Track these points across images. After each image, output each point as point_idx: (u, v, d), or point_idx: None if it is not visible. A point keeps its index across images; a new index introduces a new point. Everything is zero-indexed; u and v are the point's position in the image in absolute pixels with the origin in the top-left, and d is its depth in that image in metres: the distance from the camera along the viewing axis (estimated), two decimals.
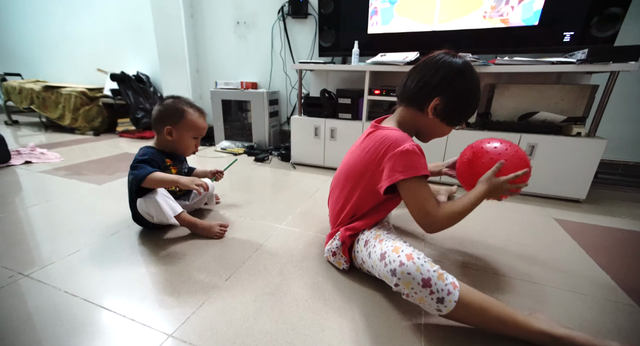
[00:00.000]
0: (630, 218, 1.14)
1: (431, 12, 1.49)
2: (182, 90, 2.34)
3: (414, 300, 0.55)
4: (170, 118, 0.91)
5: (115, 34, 2.61)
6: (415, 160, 0.62)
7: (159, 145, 0.95)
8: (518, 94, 1.39)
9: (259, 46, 2.13)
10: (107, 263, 0.78)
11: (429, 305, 0.54)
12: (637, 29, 1.34)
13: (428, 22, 1.51)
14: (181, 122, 0.91)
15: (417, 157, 0.62)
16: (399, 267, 0.55)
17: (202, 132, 0.96)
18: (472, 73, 0.65)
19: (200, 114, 0.95)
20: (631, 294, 0.71)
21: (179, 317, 0.60)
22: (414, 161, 0.61)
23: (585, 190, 1.25)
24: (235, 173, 1.58)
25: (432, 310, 0.54)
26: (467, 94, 0.66)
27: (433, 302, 0.53)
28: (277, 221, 1.04)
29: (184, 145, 0.94)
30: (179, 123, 0.91)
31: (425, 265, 0.54)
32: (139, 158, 0.87)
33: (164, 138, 0.92)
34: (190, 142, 0.95)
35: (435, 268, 0.54)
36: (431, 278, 0.53)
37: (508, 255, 0.87)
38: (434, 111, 0.67)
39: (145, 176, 0.81)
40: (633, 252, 0.91)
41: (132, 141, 2.31)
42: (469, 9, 1.42)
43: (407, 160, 0.62)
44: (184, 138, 0.93)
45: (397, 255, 0.57)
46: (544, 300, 0.69)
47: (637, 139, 1.49)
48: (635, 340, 0.58)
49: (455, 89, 0.65)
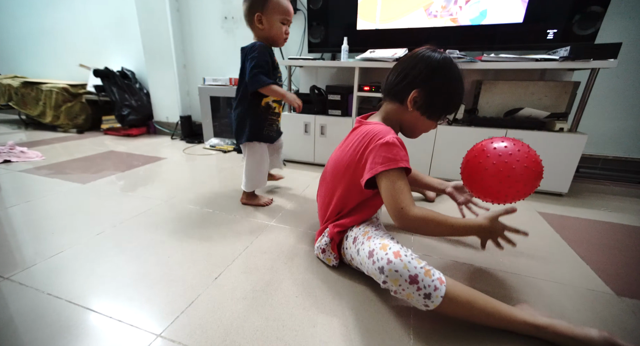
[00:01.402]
0: (609, 211, 1.18)
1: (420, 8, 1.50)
2: (168, 86, 2.29)
3: (402, 296, 0.56)
4: (257, 4, 0.94)
5: (98, 28, 2.52)
6: (395, 152, 0.62)
7: (259, 40, 0.99)
8: (504, 90, 1.42)
9: (247, 41, 2.07)
10: (92, 263, 0.76)
11: (416, 300, 0.55)
12: (616, 27, 1.38)
13: (418, 18, 1.52)
14: (267, 4, 0.94)
15: (397, 149, 0.62)
16: (386, 265, 0.56)
17: (288, 16, 0.98)
18: (450, 67, 0.66)
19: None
20: (608, 283, 0.74)
21: (167, 317, 0.60)
22: (393, 153, 0.62)
23: (567, 184, 1.29)
24: (225, 171, 1.57)
25: (419, 305, 0.56)
26: (445, 88, 0.66)
27: (420, 298, 0.54)
28: (267, 218, 1.03)
29: (274, 32, 0.98)
30: (265, 7, 0.94)
31: (412, 262, 0.55)
32: (253, 64, 0.94)
33: (256, 28, 0.97)
34: (279, 27, 0.97)
35: (422, 265, 0.55)
36: (418, 274, 0.54)
37: (494, 248, 0.89)
38: (414, 104, 0.67)
39: (267, 84, 0.94)
40: (610, 243, 0.95)
41: (118, 139, 2.25)
42: (456, 8, 1.44)
43: (387, 152, 0.62)
44: (273, 24, 0.97)
45: (384, 253, 0.58)
46: (528, 291, 0.71)
47: (616, 134, 1.54)
48: (612, 325, 0.61)
49: (433, 82, 0.65)
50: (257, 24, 0.97)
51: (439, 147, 1.44)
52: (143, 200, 1.16)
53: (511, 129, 1.31)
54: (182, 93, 2.33)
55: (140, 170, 1.53)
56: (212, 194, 1.24)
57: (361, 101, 1.67)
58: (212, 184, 1.37)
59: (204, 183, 1.38)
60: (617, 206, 1.24)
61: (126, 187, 1.30)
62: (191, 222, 1.00)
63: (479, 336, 0.57)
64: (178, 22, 2.18)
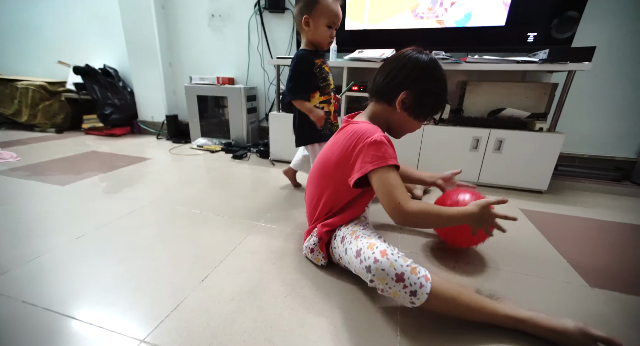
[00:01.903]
0: (585, 207, 1.24)
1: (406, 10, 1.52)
2: (154, 84, 2.23)
3: (389, 294, 0.57)
4: (306, 7, 0.96)
5: (79, 24, 2.43)
6: (384, 150, 0.63)
7: (306, 44, 1.04)
8: (488, 91, 1.46)
9: (236, 40, 2.07)
10: (71, 268, 0.74)
11: (402, 298, 0.56)
12: (592, 31, 1.44)
13: (405, 19, 1.54)
14: (315, 7, 0.95)
15: (386, 147, 0.63)
16: (373, 264, 0.57)
17: (335, 19, 0.98)
18: (437, 69, 0.67)
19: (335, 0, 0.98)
20: (583, 275, 0.78)
21: (151, 321, 0.58)
22: (382, 151, 0.63)
23: (546, 182, 1.34)
24: (213, 171, 1.54)
25: (406, 302, 0.57)
26: (433, 89, 0.68)
27: (407, 295, 0.55)
28: (255, 218, 1.03)
29: (319, 35, 0.99)
30: (312, 10, 0.96)
31: (398, 261, 0.56)
32: (289, 76, 1.04)
33: (304, 31, 0.99)
34: (324, 31, 0.98)
35: (408, 263, 0.56)
36: (404, 272, 0.55)
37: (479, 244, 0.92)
38: (402, 105, 0.68)
39: (293, 99, 1.05)
40: (586, 237, 0.99)
41: (100, 139, 2.18)
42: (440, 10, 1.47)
43: (375, 150, 0.63)
44: (318, 27, 0.98)
45: (371, 252, 0.59)
46: (510, 285, 0.73)
47: (591, 134, 1.62)
48: (586, 315, 0.64)
49: (421, 84, 0.66)
50: (304, 27, 1.01)
51: (426, 146, 1.46)
52: (127, 201, 1.13)
53: (495, 129, 1.35)
54: (168, 92, 2.28)
55: (125, 171, 1.49)
56: (200, 195, 1.22)
57: (350, 101, 1.68)
58: (200, 185, 1.35)
59: (192, 183, 1.36)
60: (592, 202, 1.29)
61: (109, 188, 1.26)
62: (178, 223, 0.98)
63: (463, 333, 0.58)
64: (163, 20, 2.13)
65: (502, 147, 1.35)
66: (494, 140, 1.35)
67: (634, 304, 0.68)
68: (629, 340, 0.58)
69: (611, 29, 1.44)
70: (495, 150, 1.36)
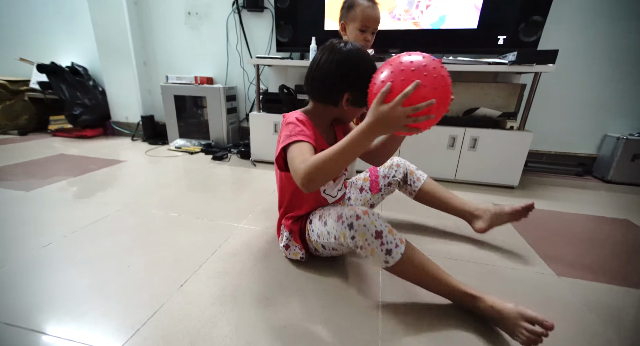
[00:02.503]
0: (552, 201, 1.32)
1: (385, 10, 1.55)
2: (127, 83, 2.14)
3: (366, 252, 0.61)
4: (343, 13, 0.94)
5: (43, 18, 2.29)
6: (291, 129, 0.64)
7: None
8: (462, 91, 1.52)
9: (214, 39, 2.03)
10: (37, 278, 0.69)
11: (378, 256, 0.60)
12: (555, 35, 1.53)
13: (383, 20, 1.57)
14: (349, 12, 0.92)
15: (293, 126, 0.65)
16: (355, 221, 0.61)
17: (367, 23, 0.93)
18: (363, 57, 0.65)
19: (372, 3, 0.93)
20: (550, 264, 0.83)
21: (126, 331, 0.56)
22: (289, 130, 0.65)
23: (517, 178, 1.41)
24: (193, 172, 1.50)
25: (380, 261, 0.60)
26: (370, 76, 0.59)
27: (382, 253, 0.59)
28: (236, 220, 1.01)
29: (352, 40, 0.89)
30: (347, 16, 0.93)
31: (378, 220, 0.61)
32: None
33: (343, 37, 0.96)
34: (357, 35, 0.94)
35: (386, 224, 0.61)
36: (383, 231, 0.59)
37: (457, 239, 0.95)
38: (347, 102, 0.67)
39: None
40: (552, 229, 1.06)
41: (69, 141, 2.06)
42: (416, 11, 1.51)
43: (286, 130, 0.65)
44: (352, 32, 0.94)
45: (354, 212, 0.62)
46: (485, 277, 0.77)
47: (556, 132, 1.72)
48: (553, 302, 0.68)
49: (359, 79, 0.63)
50: (341, 32, 0.99)
51: (405, 144, 1.50)
52: (100, 206, 1.07)
53: (469, 127, 1.41)
54: (143, 92, 2.19)
55: (97, 174, 1.42)
56: (179, 197, 1.19)
57: None
58: (179, 187, 1.30)
59: (170, 186, 1.31)
60: (559, 196, 1.38)
61: (80, 193, 1.20)
62: (155, 227, 0.95)
63: (444, 329, 0.60)
64: (136, 16, 2.05)
65: (477, 145, 1.41)
66: (469, 139, 1.41)
67: (596, 290, 0.74)
68: (591, 324, 0.63)
69: (573, 33, 1.54)
70: (470, 148, 1.42)
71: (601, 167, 1.66)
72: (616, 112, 1.63)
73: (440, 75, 0.51)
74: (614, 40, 1.51)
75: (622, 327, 0.62)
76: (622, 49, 1.52)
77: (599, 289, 0.74)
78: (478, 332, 0.59)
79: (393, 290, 0.70)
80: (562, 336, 0.58)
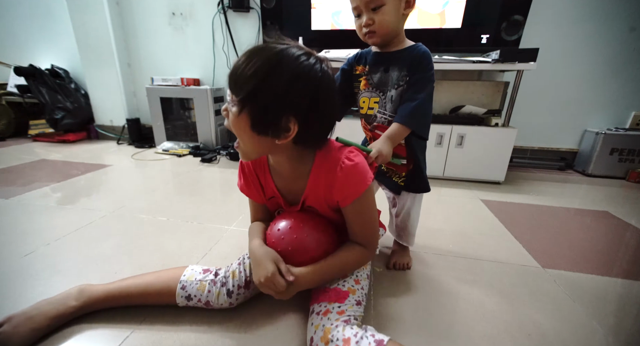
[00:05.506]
0: (536, 195, 1.36)
1: None
2: (111, 86, 2.08)
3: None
4: None
5: (19, 19, 2.20)
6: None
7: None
8: (449, 89, 1.55)
9: (199, 40, 2.00)
10: (18, 289, 0.67)
11: None
12: (536, 34, 1.58)
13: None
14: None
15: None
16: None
17: (352, 2, 0.69)
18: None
19: None
20: (535, 257, 0.86)
21: (110, 342, 0.54)
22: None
23: (503, 173, 1.45)
24: (181, 175, 1.48)
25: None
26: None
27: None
28: (226, 223, 1.00)
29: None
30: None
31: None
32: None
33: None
34: (355, 21, 0.73)
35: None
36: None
37: (446, 234, 0.97)
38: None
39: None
40: (538, 222, 1.09)
41: (51, 146, 1.99)
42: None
43: None
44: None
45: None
46: (473, 271, 0.78)
47: (539, 128, 1.78)
48: (539, 293, 0.70)
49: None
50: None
51: None
52: (84, 212, 1.04)
53: (456, 125, 1.43)
54: (127, 95, 2.14)
55: (81, 180, 1.38)
56: (167, 201, 1.17)
57: None
58: (167, 190, 1.28)
59: (157, 189, 1.29)
60: (543, 190, 1.42)
61: (63, 199, 1.16)
62: (142, 232, 0.93)
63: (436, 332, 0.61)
64: (118, 17, 2.00)
65: (464, 142, 1.44)
66: (456, 136, 1.44)
67: (579, 280, 0.76)
68: (574, 313, 0.65)
69: (552, 32, 1.59)
70: (457, 145, 1.45)
71: (582, 161, 1.72)
72: (595, 108, 1.69)
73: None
74: (592, 39, 1.57)
75: (605, 316, 0.64)
76: (599, 47, 1.58)
77: (583, 279, 0.77)
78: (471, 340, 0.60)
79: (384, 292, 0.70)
80: (548, 327, 0.60)
